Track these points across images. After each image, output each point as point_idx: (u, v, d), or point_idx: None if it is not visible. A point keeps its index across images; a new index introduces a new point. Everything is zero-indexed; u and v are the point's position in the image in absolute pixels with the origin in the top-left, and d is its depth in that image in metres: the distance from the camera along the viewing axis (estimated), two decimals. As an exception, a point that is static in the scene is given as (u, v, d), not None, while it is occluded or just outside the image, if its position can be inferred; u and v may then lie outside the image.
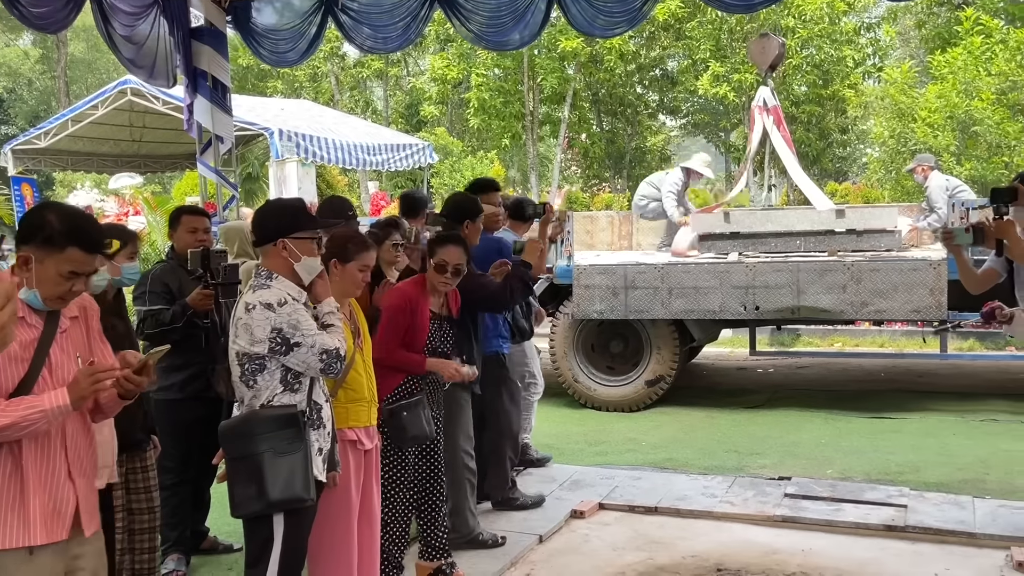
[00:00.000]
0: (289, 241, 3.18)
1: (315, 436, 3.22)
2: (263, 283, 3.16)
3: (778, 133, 9.51)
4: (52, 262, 2.49)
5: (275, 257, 3.20)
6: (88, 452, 2.69)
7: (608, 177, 28.16)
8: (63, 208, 2.63)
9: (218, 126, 7.63)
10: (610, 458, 6.74)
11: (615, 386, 8.41)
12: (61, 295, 2.54)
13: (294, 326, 3.06)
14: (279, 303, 3.06)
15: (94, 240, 2.56)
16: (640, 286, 7.99)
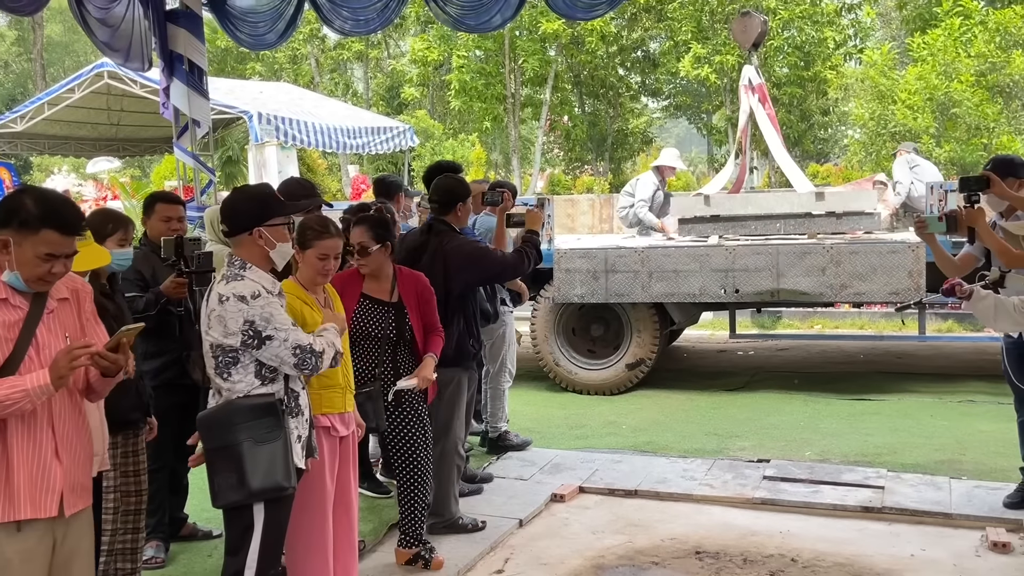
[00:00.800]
0: (265, 229, 3.15)
1: (294, 424, 3.20)
2: (237, 273, 3.13)
3: (763, 110, 9.52)
4: (29, 244, 2.53)
5: (250, 246, 3.16)
6: (77, 433, 2.70)
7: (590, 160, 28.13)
8: (39, 191, 2.66)
9: (195, 110, 7.56)
10: (590, 441, 6.75)
11: (596, 369, 8.41)
12: (41, 276, 2.57)
13: (267, 319, 3.04)
14: (252, 295, 3.04)
15: (69, 222, 2.57)
16: (620, 270, 7.98)
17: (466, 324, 4.73)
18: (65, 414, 2.65)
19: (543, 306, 8.41)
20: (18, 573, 2.53)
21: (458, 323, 4.66)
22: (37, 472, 2.57)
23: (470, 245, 4.76)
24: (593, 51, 24.30)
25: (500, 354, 6.31)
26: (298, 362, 3.09)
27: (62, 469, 2.62)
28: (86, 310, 2.79)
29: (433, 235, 4.69)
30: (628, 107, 27.78)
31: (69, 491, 2.64)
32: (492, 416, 6.44)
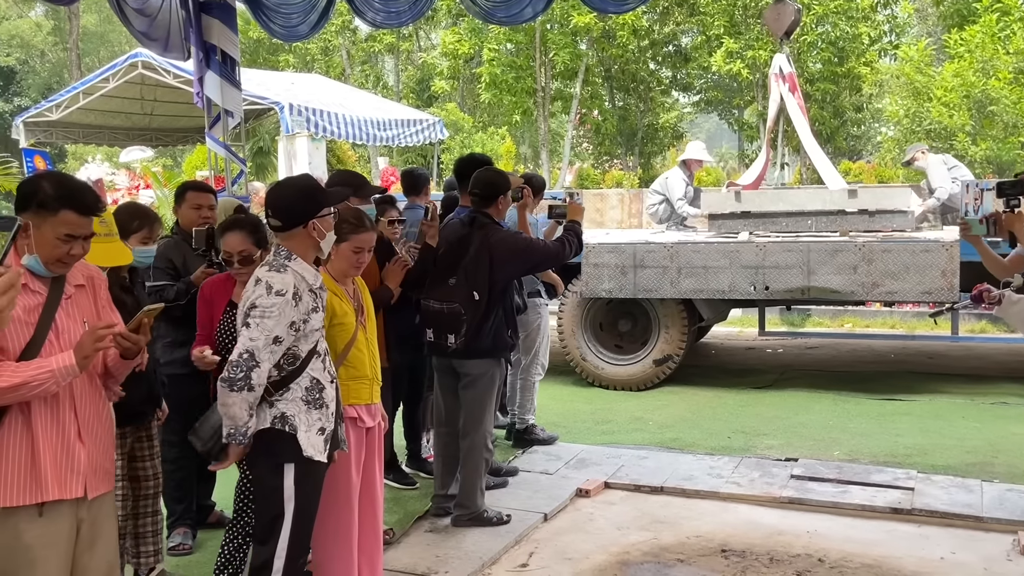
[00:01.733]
0: (317, 221, 3.20)
1: (317, 415, 3.21)
2: (282, 264, 3.16)
3: (793, 99, 9.42)
4: (48, 226, 2.57)
5: (303, 239, 3.20)
6: (98, 416, 2.75)
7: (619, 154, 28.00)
8: (56, 175, 2.71)
9: (227, 100, 7.60)
10: (616, 437, 6.73)
11: (623, 365, 8.39)
12: (60, 258, 2.61)
13: (262, 315, 3.04)
14: (279, 292, 3.06)
15: (87, 203, 2.62)
16: (649, 265, 7.94)
17: (505, 315, 4.77)
18: (86, 397, 2.70)
19: (571, 300, 8.39)
20: (38, 558, 2.55)
21: (497, 314, 4.70)
22: (62, 454, 2.61)
23: (514, 237, 4.80)
24: (624, 45, 24.17)
25: (534, 346, 6.33)
26: (232, 365, 3.02)
27: (85, 451, 2.66)
28: (101, 297, 2.84)
29: (476, 228, 4.71)
30: (659, 101, 27.62)
31: (92, 473, 2.68)
32: (521, 408, 6.45)
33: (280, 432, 3.15)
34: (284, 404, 3.16)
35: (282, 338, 3.09)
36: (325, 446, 3.24)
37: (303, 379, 3.19)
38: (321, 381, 3.24)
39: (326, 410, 3.24)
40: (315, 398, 3.21)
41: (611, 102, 27.37)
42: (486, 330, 4.64)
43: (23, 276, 2.55)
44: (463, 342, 4.61)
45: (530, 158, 28.71)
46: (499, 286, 4.71)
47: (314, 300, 3.21)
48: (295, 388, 3.18)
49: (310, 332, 3.19)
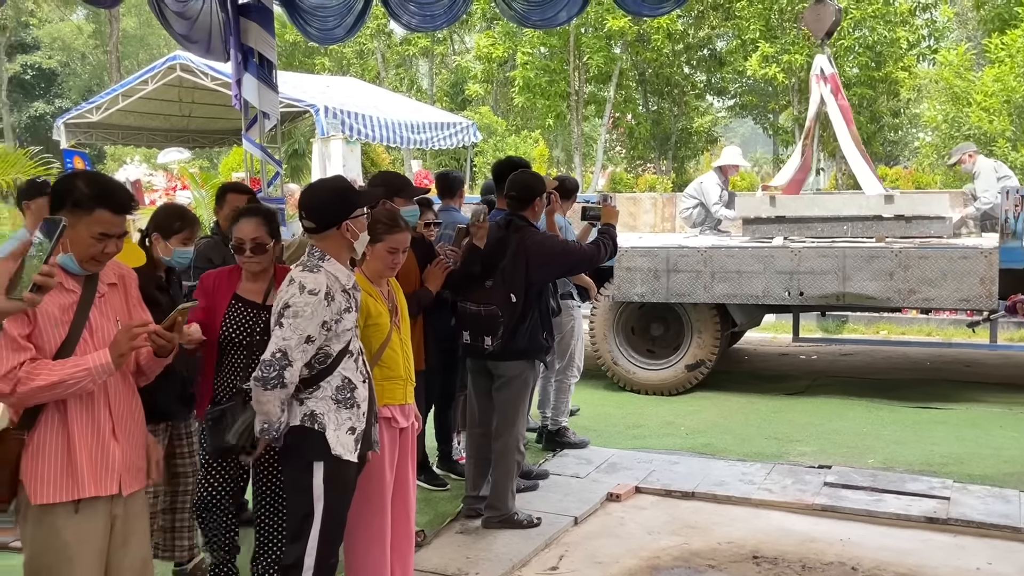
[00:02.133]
0: (351, 222, 3.24)
1: (347, 415, 3.24)
2: (316, 264, 3.20)
3: (835, 102, 9.30)
4: (83, 225, 2.61)
5: (337, 240, 3.24)
6: (131, 414, 2.79)
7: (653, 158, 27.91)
8: (90, 174, 2.75)
9: (264, 102, 7.69)
10: (648, 442, 6.72)
11: (655, 369, 8.36)
12: (95, 256, 2.65)
13: (296, 314, 3.08)
14: (312, 291, 3.10)
15: (121, 202, 2.66)
16: (682, 269, 7.91)
17: (541, 317, 4.80)
18: (120, 395, 2.74)
19: (603, 304, 8.38)
20: (75, 555, 2.60)
21: (533, 316, 4.73)
22: (97, 451, 2.65)
23: (551, 239, 4.83)
24: (659, 49, 24.09)
25: (569, 348, 6.36)
26: (266, 364, 3.07)
27: (120, 449, 2.70)
28: (132, 295, 2.88)
29: (513, 231, 4.74)
30: (693, 105, 27.49)
31: (126, 470, 2.72)
32: (555, 410, 6.47)
33: (309, 430, 3.19)
34: (314, 402, 3.20)
35: (314, 337, 3.13)
36: (356, 446, 3.27)
37: (334, 378, 3.22)
38: (353, 381, 3.27)
39: (357, 410, 3.27)
40: (346, 397, 3.24)
41: (645, 106, 27.29)
42: (522, 332, 4.68)
43: (58, 274, 2.61)
44: (500, 344, 4.65)
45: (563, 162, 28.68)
46: (535, 288, 4.74)
47: (347, 300, 3.25)
48: (325, 387, 3.21)
49: (342, 332, 3.22)
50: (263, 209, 3.81)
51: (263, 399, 3.10)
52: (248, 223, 3.68)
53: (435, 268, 4.60)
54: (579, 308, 6.55)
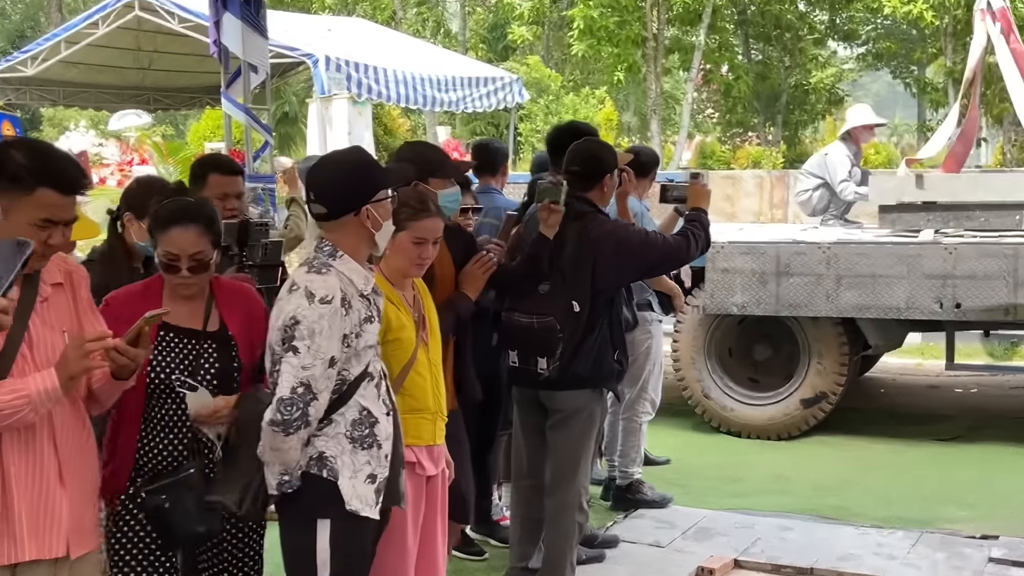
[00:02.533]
0: (372, 207, 3.26)
1: (365, 457, 3.27)
2: (325, 263, 3.24)
3: (1006, 46, 9.17)
4: (21, 209, 2.63)
5: (354, 229, 3.27)
6: (82, 453, 2.83)
7: (756, 124, 27.82)
8: (30, 143, 2.80)
9: (250, 51, 7.78)
10: (750, 500, 6.69)
11: (760, 404, 8.31)
12: (36, 250, 2.63)
13: (311, 333, 3.11)
14: (323, 300, 3.14)
15: (70, 179, 2.68)
16: (797, 272, 7.86)
17: (611, 332, 4.81)
18: (68, 428, 2.77)
19: (690, 318, 8.36)
20: None
21: (600, 330, 4.74)
22: (39, 501, 2.68)
23: (623, 229, 4.86)
24: (765, -21, 24.05)
25: (641, 376, 6.36)
26: (285, 403, 3.10)
27: (67, 498, 2.73)
28: (82, 298, 2.90)
29: (574, 219, 4.74)
30: (810, 54, 27.38)
31: (75, 527, 2.75)
32: (623, 458, 6.47)
33: (316, 478, 3.22)
34: (323, 441, 3.24)
35: (337, 358, 3.18)
36: (376, 498, 3.29)
37: (349, 409, 3.26)
38: (373, 413, 3.30)
39: (378, 451, 3.30)
40: (364, 435, 3.27)
41: (746, 55, 27.23)
42: (587, 352, 4.69)
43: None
44: (557, 367, 4.66)
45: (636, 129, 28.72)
46: (604, 294, 4.75)
47: (367, 307, 3.29)
48: (338, 421, 3.25)
49: (363, 349, 3.27)
50: (204, 210, 3.55)
51: (284, 447, 3.14)
52: (185, 233, 3.39)
53: (475, 268, 4.55)
54: (659, 323, 6.54)
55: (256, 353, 3.48)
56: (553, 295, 4.69)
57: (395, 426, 3.40)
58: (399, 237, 3.59)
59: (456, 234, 4.62)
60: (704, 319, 8.35)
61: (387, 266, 3.69)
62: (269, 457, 3.17)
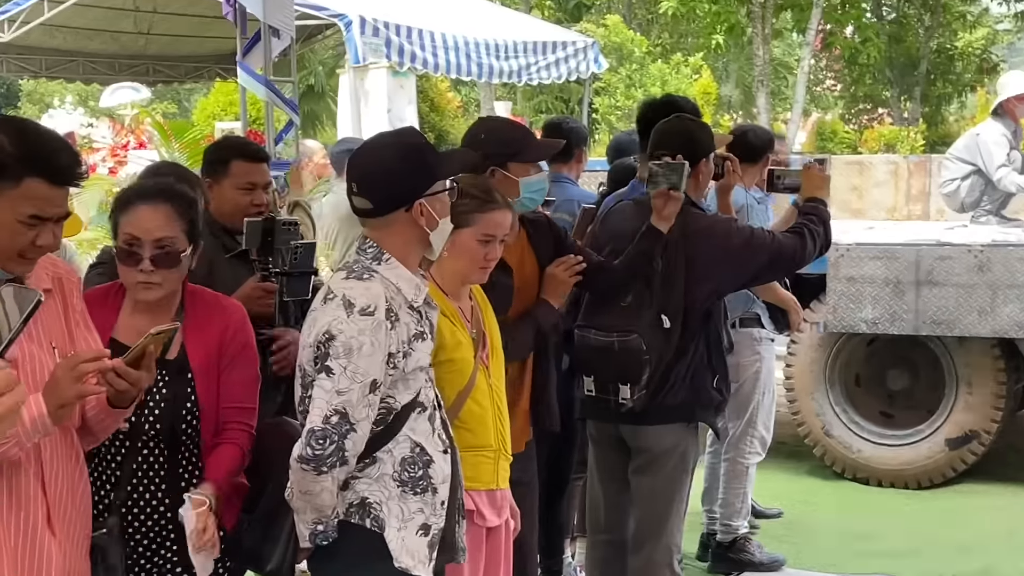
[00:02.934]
0: (427, 201, 3.30)
1: (418, 504, 3.30)
2: (368, 268, 3.28)
3: None
4: (5, 202, 2.66)
5: (404, 228, 3.31)
6: (73, 493, 2.87)
7: (889, 99, 27.57)
8: (18, 124, 2.81)
9: (272, 11, 7.86)
10: (885, 564, 6.66)
11: (894, 445, 8.24)
12: (21, 251, 2.70)
13: (348, 350, 3.14)
14: (363, 310, 3.17)
15: (62, 167, 2.71)
16: (942, 281, 7.80)
17: (709, 353, 4.81)
18: (59, 465, 2.81)
19: (807, 337, 8.31)
20: None
21: (696, 351, 4.75)
22: (26, 549, 2.72)
23: (724, 225, 4.86)
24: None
25: (748, 408, 6.36)
26: (317, 436, 3.12)
27: (57, 545, 2.78)
28: (75, 308, 2.94)
29: None
30: (956, 12, 27.08)
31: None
32: (725, 508, 6.44)
33: (358, 528, 3.25)
34: (366, 484, 3.27)
35: (380, 382, 3.20)
36: (430, 554, 3.32)
37: (397, 445, 3.29)
38: (427, 450, 3.33)
39: (433, 496, 3.33)
40: (416, 476, 3.30)
41: (876, 13, 27.00)
42: (679, 377, 4.70)
43: None
44: (643, 397, 4.66)
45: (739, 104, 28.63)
46: (701, 306, 4.75)
47: (417, 321, 3.32)
48: (384, 459, 3.28)
49: (412, 372, 3.30)
50: (182, 190, 3.51)
51: (315, 488, 3.15)
52: (153, 212, 3.36)
53: (559, 270, 4.52)
54: (771, 342, 6.51)
55: (215, 396, 3.43)
56: (638, 308, 4.68)
57: (453, 467, 3.42)
58: (462, 235, 3.63)
59: (543, 230, 4.61)
60: (825, 339, 8.30)
61: (442, 271, 3.73)
62: (299, 502, 3.19)
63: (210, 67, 18.10)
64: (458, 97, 25.31)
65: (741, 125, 6.83)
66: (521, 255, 4.45)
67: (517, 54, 16.34)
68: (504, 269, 4.29)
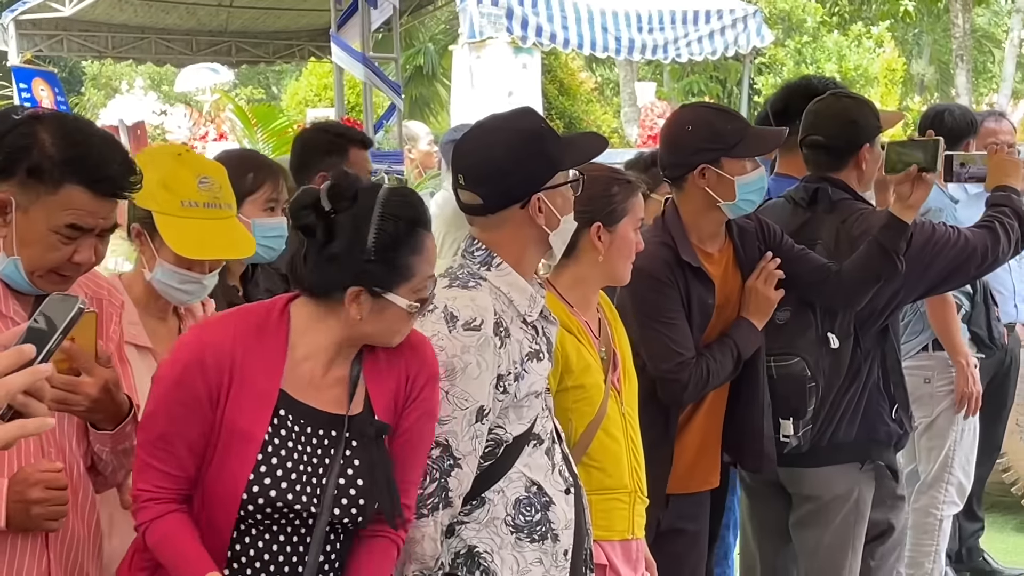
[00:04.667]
0: (546, 196, 3.31)
1: (536, 554, 3.31)
2: (475, 273, 3.31)
3: None
4: (41, 209, 2.72)
5: (519, 227, 3.33)
6: (85, 543, 2.92)
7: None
8: (61, 120, 2.85)
9: (371, -24, 7.94)
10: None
11: None
12: (56, 266, 2.75)
13: (452, 371, 3.15)
14: (467, 324, 3.18)
15: (111, 174, 2.76)
16: None
17: (885, 378, 4.75)
18: (75, 523, 2.86)
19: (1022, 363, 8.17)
20: None
21: (870, 375, 4.70)
22: None
23: None
24: None
25: (943, 447, 6.27)
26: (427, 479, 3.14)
27: None
28: (110, 338, 2.97)
29: (822, 210, 4.74)
30: None
31: None
32: (911, 566, 6.34)
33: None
34: (474, 530, 3.29)
35: (487, 408, 3.20)
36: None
37: (510, 484, 3.31)
38: (546, 491, 3.34)
39: (553, 545, 3.34)
40: (534, 521, 3.31)
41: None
42: (849, 408, 4.64)
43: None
44: (808, 433, 4.62)
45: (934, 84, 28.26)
46: (876, 320, 4.71)
47: (532, 339, 3.34)
48: (494, 500, 3.30)
49: (527, 398, 3.31)
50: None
51: (418, 534, 3.15)
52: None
53: (759, 282, 4.47)
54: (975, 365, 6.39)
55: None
56: (799, 325, 4.63)
57: (578, 510, 3.43)
58: (621, 227, 3.71)
59: (751, 238, 4.56)
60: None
61: (566, 278, 3.75)
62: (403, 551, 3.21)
63: (303, 45, 18.31)
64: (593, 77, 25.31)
65: (935, 105, 6.69)
66: (726, 268, 4.46)
67: (663, 26, 16.29)
68: (704, 283, 4.32)
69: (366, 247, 2.77)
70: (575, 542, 3.39)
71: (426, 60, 25.36)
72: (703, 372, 4.19)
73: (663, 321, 4.15)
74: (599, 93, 25.84)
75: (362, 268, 2.78)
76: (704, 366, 4.21)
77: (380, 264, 2.78)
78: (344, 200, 2.79)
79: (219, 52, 18.57)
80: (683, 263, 4.25)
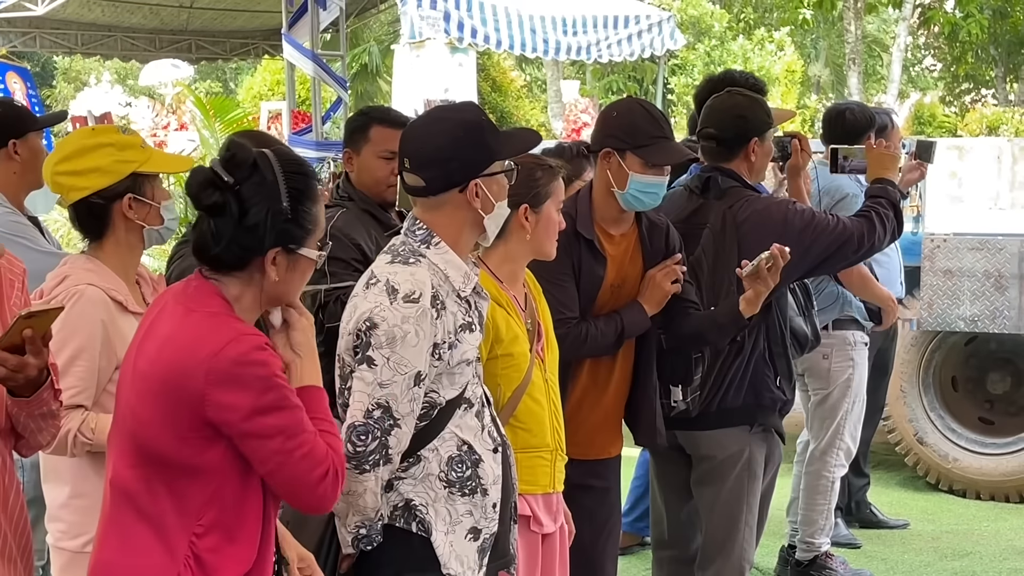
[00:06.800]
0: (483, 181, 3.32)
1: (467, 507, 3.31)
2: (415, 251, 3.30)
3: None
4: None
5: (456, 210, 3.33)
6: (12, 517, 2.86)
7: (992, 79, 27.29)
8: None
9: (317, -22, 7.91)
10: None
11: (994, 454, 8.17)
12: None
13: (391, 340, 3.15)
14: (407, 297, 3.18)
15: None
16: (1049, 275, 7.72)
17: (769, 349, 4.76)
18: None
19: (900, 335, 8.25)
20: None
21: (755, 348, 4.70)
22: None
23: (779, 208, 4.76)
24: None
25: (836, 418, 6.34)
26: (358, 431, 3.14)
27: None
28: (17, 305, 2.91)
29: (713, 197, 4.74)
30: (1068, -16, 26.74)
31: None
32: (806, 525, 6.41)
33: (403, 532, 3.26)
34: (410, 485, 3.28)
35: (424, 374, 3.21)
36: (481, 560, 3.33)
37: (444, 443, 3.30)
38: (475, 449, 3.34)
39: (483, 498, 3.34)
40: (464, 476, 3.31)
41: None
42: (736, 376, 4.65)
43: None
44: (698, 399, 4.65)
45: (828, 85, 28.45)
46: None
47: (465, 311, 3.33)
48: (429, 459, 3.29)
49: (458, 366, 3.30)
50: None
51: (360, 488, 3.16)
52: None
53: (661, 274, 4.48)
54: (864, 347, 6.44)
55: None
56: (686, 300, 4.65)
57: (505, 467, 3.43)
58: (545, 208, 3.73)
59: (659, 233, 4.59)
60: (919, 338, 8.25)
61: (497, 257, 3.74)
62: (341, 504, 3.17)
63: (257, 43, 18.24)
64: (523, 76, 25.32)
65: (837, 104, 6.75)
66: (625, 251, 4.48)
67: (586, 29, 16.31)
68: (596, 255, 4.37)
69: (282, 207, 2.73)
70: (503, 496, 3.39)
71: (370, 58, 25.29)
72: (582, 333, 4.26)
73: (551, 282, 4.16)
74: (528, 90, 25.87)
75: (281, 228, 2.74)
76: (584, 329, 4.28)
77: (294, 222, 2.76)
78: (244, 169, 2.73)
79: (180, 49, 18.50)
80: (579, 235, 4.30)
